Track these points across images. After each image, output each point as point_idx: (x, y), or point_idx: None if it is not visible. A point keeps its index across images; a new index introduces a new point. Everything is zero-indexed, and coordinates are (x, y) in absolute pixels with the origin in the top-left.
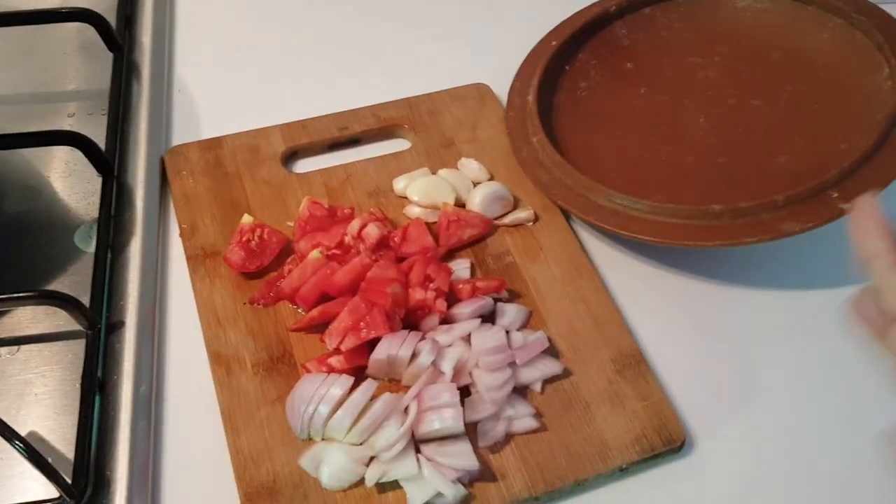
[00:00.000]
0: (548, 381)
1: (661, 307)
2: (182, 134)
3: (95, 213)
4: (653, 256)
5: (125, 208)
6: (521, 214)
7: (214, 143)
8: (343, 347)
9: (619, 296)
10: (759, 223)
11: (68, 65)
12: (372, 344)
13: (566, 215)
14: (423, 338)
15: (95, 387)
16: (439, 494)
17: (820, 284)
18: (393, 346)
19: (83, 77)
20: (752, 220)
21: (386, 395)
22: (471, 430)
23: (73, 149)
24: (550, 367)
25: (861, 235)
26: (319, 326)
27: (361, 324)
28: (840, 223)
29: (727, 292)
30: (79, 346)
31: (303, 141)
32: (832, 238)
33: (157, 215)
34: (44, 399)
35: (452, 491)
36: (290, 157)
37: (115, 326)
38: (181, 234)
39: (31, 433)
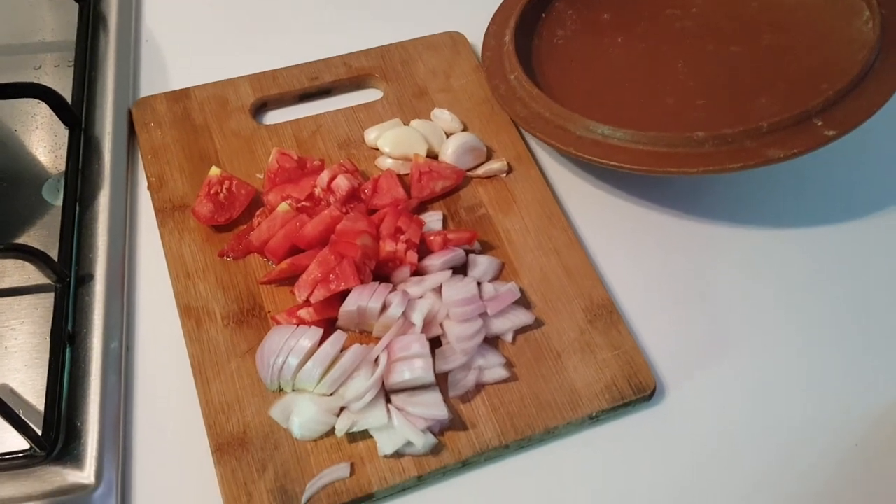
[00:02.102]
0: (519, 332)
1: (636, 257)
2: (150, 85)
3: (63, 167)
4: (627, 198)
5: (93, 161)
6: (495, 165)
7: (182, 95)
8: (312, 300)
9: (592, 246)
10: (744, 150)
11: (35, 16)
12: (342, 296)
13: (539, 167)
14: (393, 289)
15: (65, 339)
16: (409, 443)
17: (798, 224)
18: (363, 298)
19: (50, 29)
20: (736, 146)
21: (355, 346)
22: (442, 381)
23: (40, 102)
24: (521, 317)
25: None
26: (290, 279)
27: (331, 276)
28: (823, 155)
29: (703, 236)
30: (49, 300)
31: (273, 92)
32: (813, 175)
33: (125, 168)
34: (14, 352)
35: (422, 440)
36: (260, 108)
37: (85, 280)
38: (149, 187)
39: (2, 386)
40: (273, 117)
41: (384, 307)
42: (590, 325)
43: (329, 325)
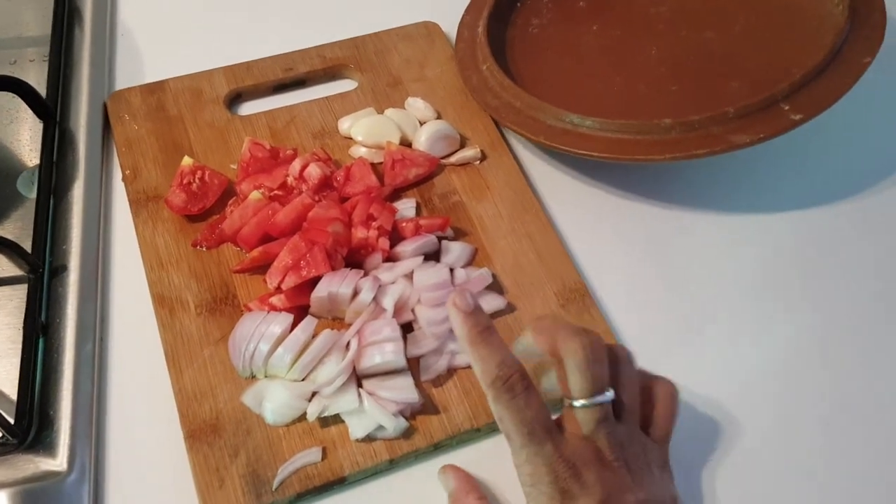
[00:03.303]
0: (492, 317)
1: (608, 241)
2: (126, 78)
3: (38, 160)
4: (600, 184)
5: (67, 153)
6: (468, 153)
7: (157, 87)
8: (284, 286)
9: (565, 231)
10: (710, 136)
11: (13, 11)
12: (314, 283)
13: (513, 154)
14: (365, 276)
15: (38, 330)
16: (381, 427)
17: (769, 206)
18: (333, 284)
19: (27, 23)
20: (702, 133)
21: (326, 332)
22: (414, 366)
23: (13, 96)
24: (494, 302)
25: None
26: (262, 267)
27: (302, 263)
28: (790, 137)
29: (673, 220)
30: (23, 291)
31: (247, 83)
32: (781, 155)
33: (99, 160)
34: None
35: (393, 423)
36: (235, 99)
37: (58, 271)
38: (123, 179)
39: None
40: (248, 108)
41: (355, 293)
42: (562, 308)
43: (301, 313)
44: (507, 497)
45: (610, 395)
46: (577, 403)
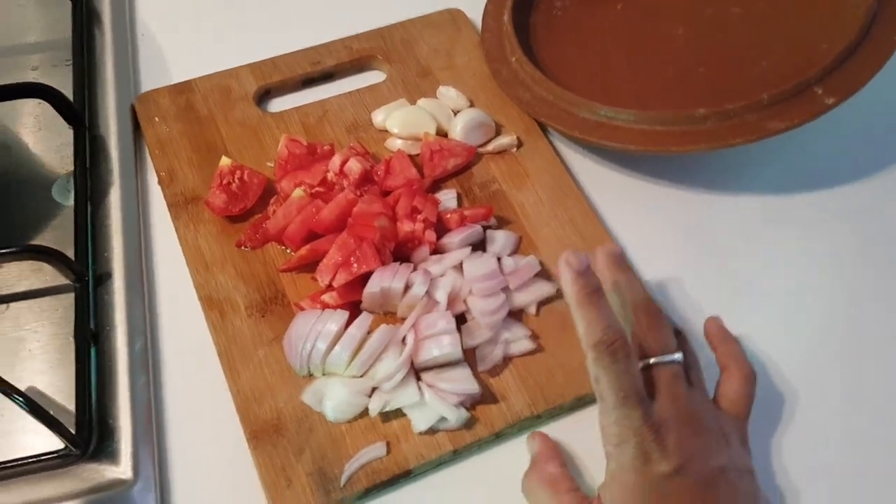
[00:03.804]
0: (542, 303)
1: (647, 221)
2: (150, 80)
3: (71, 166)
4: (637, 170)
5: (100, 159)
6: (504, 140)
7: (185, 87)
8: (335, 283)
9: (605, 214)
10: (745, 124)
11: (25, 16)
12: (364, 279)
13: (548, 138)
14: (414, 269)
15: (89, 339)
16: (443, 419)
17: (804, 186)
18: (385, 279)
19: (41, 28)
20: (737, 121)
21: (382, 327)
22: (469, 356)
23: (40, 102)
24: (543, 289)
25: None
26: (310, 265)
27: (352, 259)
28: (823, 122)
29: (711, 200)
30: (68, 301)
31: (275, 79)
32: (815, 134)
33: (133, 164)
34: (38, 354)
35: (455, 415)
36: (264, 96)
37: (103, 278)
38: (160, 182)
39: (30, 388)
40: (278, 105)
41: (407, 287)
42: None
43: (352, 309)
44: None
45: (679, 356)
46: (651, 361)
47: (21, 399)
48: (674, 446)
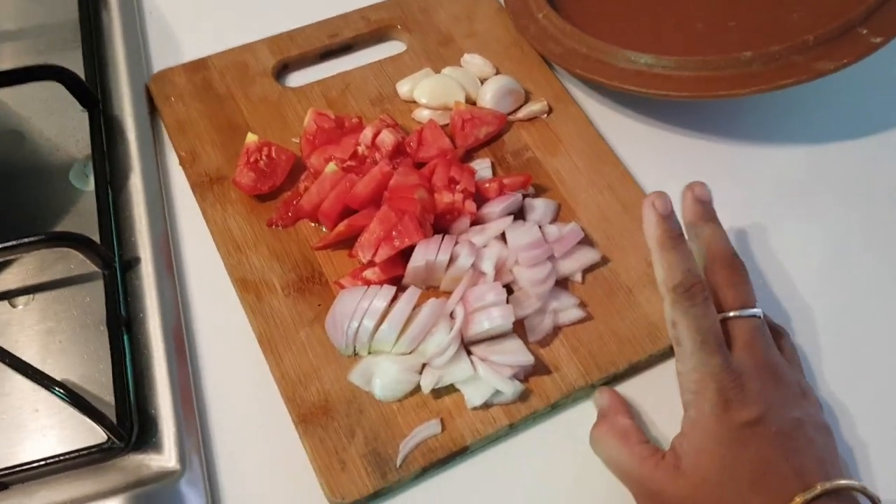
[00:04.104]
0: (587, 271)
1: (686, 175)
2: (163, 58)
3: (86, 150)
4: (669, 126)
5: (117, 141)
6: (535, 107)
7: (199, 65)
8: (377, 259)
9: (642, 177)
10: (792, 65)
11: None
12: (404, 253)
13: (577, 104)
14: (457, 241)
15: (122, 326)
16: (497, 393)
17: (847, 132)
18: (430, 252)
19: (45, 10)
20: (784, 62)
21: (431, 301)
22: (517, 328)
23: (47, 86)
24: (588, 256)
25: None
26: (346, 241)
27: (393, 233)
28: (868, 66)
29: (750, 153)
30: (95, 288)
31: (292, 53)
32: (854, 80)
33: (151, 145)
34: (69, 346)
35: (511, 388)
36: (282, 70)
37: (131, 263)
38: (181, 163)
39: (65, 380)
40: (297, 79)
41: (452, 259)
42: None
43: (393, 284)
44: None
45: (759, 311)
46: (732, 314)
47: (62, 391)
48: (754, 395)
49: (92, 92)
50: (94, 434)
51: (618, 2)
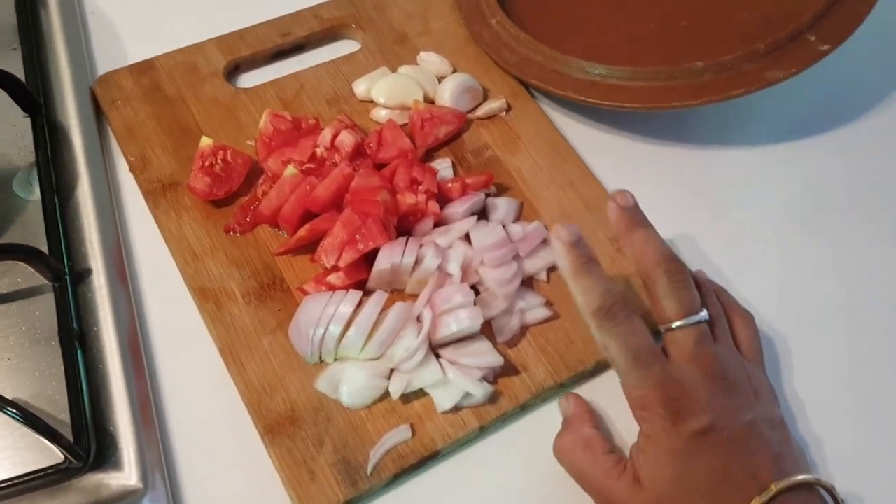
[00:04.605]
0: (551, 269)
1: (641, 180)
2: (108, 60)
3: (30, 158)
4: (627, 129)
5: (63, 148)
6: (494, 105)
7: (146, 66)
8: (342, 263)
9: (601, 175)
10: (743, 74)
11: None
12: (368, 257)
13: (536, 101)
14: (422, 243)
15: (75, 340)
16: (467, 396)
17: (799, 135)
18: (395, 255)
19: None
20: (735, 72)
21: (398, 305)
22: (485, 329)
23: None
24: (553, 254)
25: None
26: (307, 246)
27: (357, 236)
28: (817, 71)
29: (705, 156)
30: (45, 302)
31: (243, 53)
32: (802, 87)
33: (99, 151)
34: (19, 363)
35: (481, 390)
36: (234, 71)
37: (83, 275)
38: (131, 169)
39: (16, 399)
40: (249, 80)
41: (417, 262)
42: (618, 252)
43: (357, 289)
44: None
45: (704, 314)
46: (675, 325)
47: (14, 411)
48: (703, 404)
49: (34, 97)
50: (50, 454)
51: (569, 8)
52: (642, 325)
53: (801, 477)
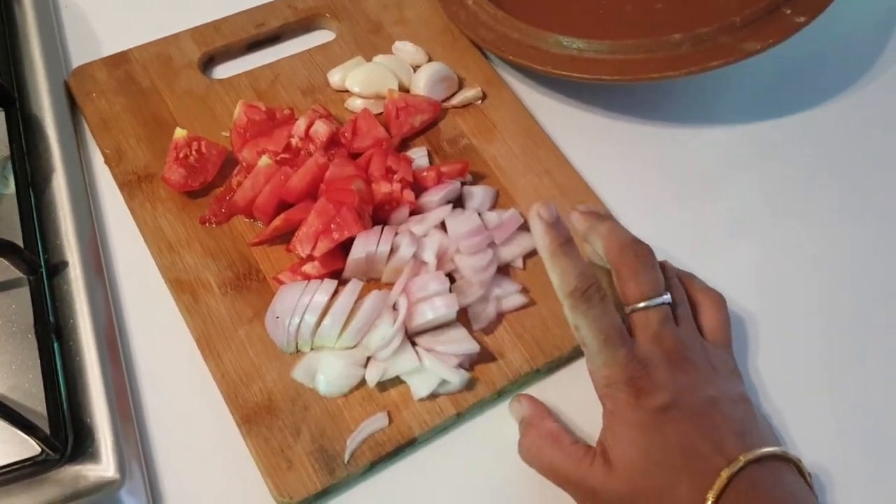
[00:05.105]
0: (528, 256)
1: (618, 162)
2: (82, 53)
3: (4, 151)
4: (604, 109)
5: (37, 141)
6: (469, 93)
7: (121, 59)
8: (317, 253)
9: (576, 161)
10: (721, 47)
11: None
12: (344, 246)
13: (511, 89)
14: (397, 231)
15: (51, 333)
16: (443, 383)
17: (776, 111)
18: (370, 244)
19: None
20: (712, 44)
21: (374, 293)
22: (460, 317)
23: None
24: (529, 241)
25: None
26: (282, 236)
27: (332, 226)
28: (793, 44)
29: (684, 136)
30: (21, 295)
31: (218, 44)
32: (782, 59)
33: (74, 144)
34: None
35: (458, 377)
36: (208, 62)
37: (58, 268)
38: (106, 161)
39: None
40: (224, 71)
41: (392, 250)
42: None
43: (333, 278)
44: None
45: (667, 297)
46: (639, 306)
47: None
48: (664, 381)
49: (8, 90)
50: (26, 447)
51: None
52: (612, 308)
53: (768, 449)
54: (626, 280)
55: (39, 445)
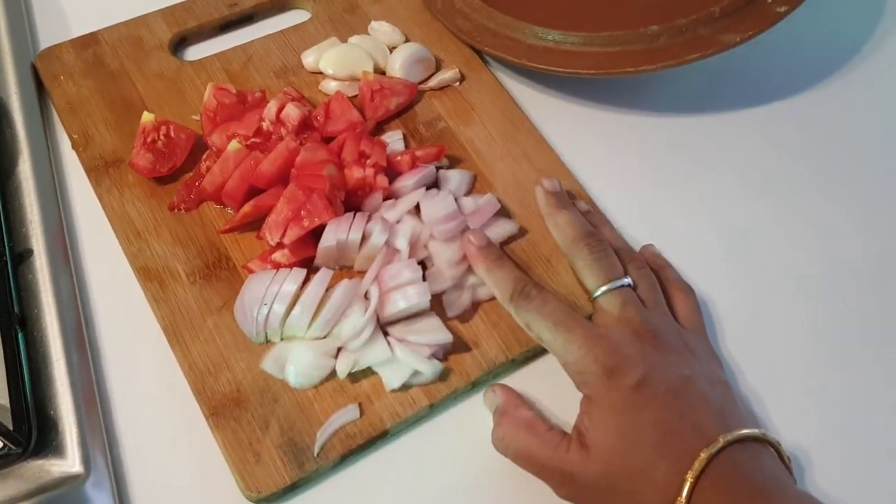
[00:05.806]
0: (505, 243)
1: (600, 148)
2: (49, 34)
3: None
4: (583, 96)
5: (2, 125)
6: (447, 75)
7: (90, 40)
8: (286, 240)
9: (557, 144)
10: (699, 39)
11: None
12: (315, 233)
13: (490, 70)
14: (370, 218)
15: (15, 324)
16: (416, 374)
17: (755, 101)
18: (341, 231)
19: None
20: (690, 36)
21: (345, 282)
22: (435, 305)
23: None
24: (506, 227)
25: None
26: (252, 223)
27: (302, 212)
28: (774, 34)
29: (664, 125)
30: None
31: (190, 24)
32: (765, 48)
33: (41, 128)
34: None
35: (430, 368)
36: (180, 43)
37: (23, 256)
38: (74, 146)
39: None
40: (196, 52)
41: (364, 237)
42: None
43: (304, 266)
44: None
45: (627, 280)
46: (599, 291)
47: None
48: (635, 358)
49: None
50: None
51: None
52: (554, 296)
53: (747, 430)
54: (582, 269)
55: (1, 440)
